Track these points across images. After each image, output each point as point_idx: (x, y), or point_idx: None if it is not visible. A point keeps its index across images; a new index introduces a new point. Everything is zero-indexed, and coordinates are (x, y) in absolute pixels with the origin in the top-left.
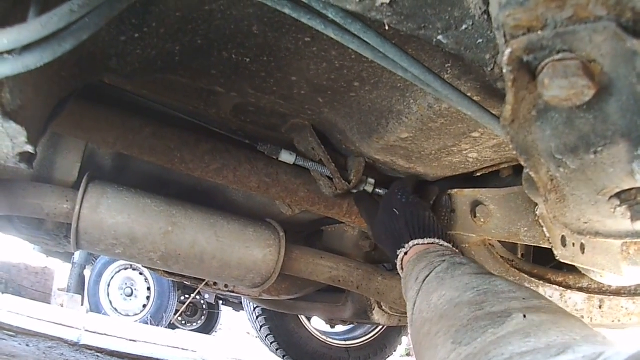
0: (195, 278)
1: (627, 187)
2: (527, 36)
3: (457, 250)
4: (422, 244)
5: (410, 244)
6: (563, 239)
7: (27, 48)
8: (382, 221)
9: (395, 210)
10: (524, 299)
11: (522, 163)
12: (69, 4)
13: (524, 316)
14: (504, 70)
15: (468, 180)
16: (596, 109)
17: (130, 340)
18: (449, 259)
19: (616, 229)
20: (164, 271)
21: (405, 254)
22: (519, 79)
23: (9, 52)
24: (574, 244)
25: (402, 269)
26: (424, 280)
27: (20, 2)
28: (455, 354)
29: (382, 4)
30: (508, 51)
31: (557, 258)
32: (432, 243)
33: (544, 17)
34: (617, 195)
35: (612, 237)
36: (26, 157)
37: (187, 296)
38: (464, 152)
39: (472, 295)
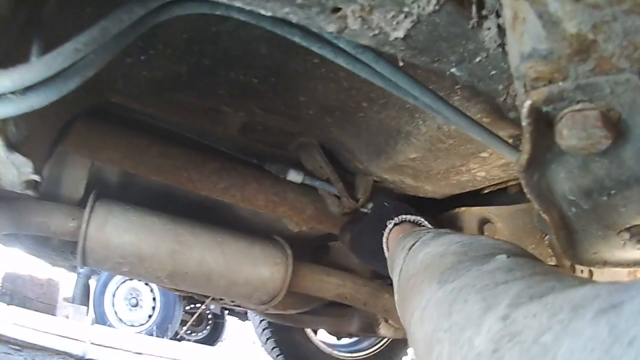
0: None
1: (637, 223)
2: (547, 87)
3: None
4: (410, 220)
5: (400, 217)
6: (572, 265)
7: (31, 88)
8: (370, 215)
9: (385, 203)
10: (508, 247)
11: (535, 205)
12: (73, 42)
13: (508, 257)
14: (523, 123)
15: (475, 196)
16: (612, 154)
17: (136, 353)
18: (435, 230)
19: (625, 258)
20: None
21: (395, 225)
22: (537, 129)
23: (13, 92)
24: (582, 271)
25: (387, 248)
26: (410, 248)
27: (23, 39)
28: (441, 291)
29: (396, 38)
30: (528, 103)
31: None
32: (419, 222)
33: (566, 69)
34: (627, 229)
35: (620, 265)
36: (32, 185)
37: (192, 306)
38: (472, 171)
39: (457, 247)
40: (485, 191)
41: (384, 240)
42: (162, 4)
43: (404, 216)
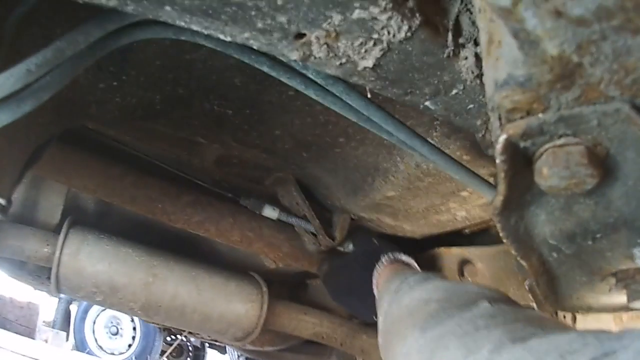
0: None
1: (624, 268)
2: (525, 120)
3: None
4: (401, 259)
5: (394, 255)
6: (554, 311)
7: None
8: (356, 252)
9: (374, 240)
10: (492, 294)
11: (512, 251)
12: (25, 64)
13: (490, 303)
14: (497, 160)
15: (456, 235)
16: (598, 194)
17: None
18: (422, 273)
19: (610, 303)
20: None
21: (388, 262)
22: (513, 167)
23: None
24: (565, 316)
25: (377, 288)
26: (397, 291)
27: None
28: (423, 339)
29: (365, 67)
30: (502, 138)
31: None
32: (409, 264)
33: (547, 98)
34: (613, 274)
35: (605, 311)
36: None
37: (172, 337)
38: (452, 211)
39: (441, 294)
40: (467, 231)
41: (374, 279)
42: (121, 27)
43: (395, 254)
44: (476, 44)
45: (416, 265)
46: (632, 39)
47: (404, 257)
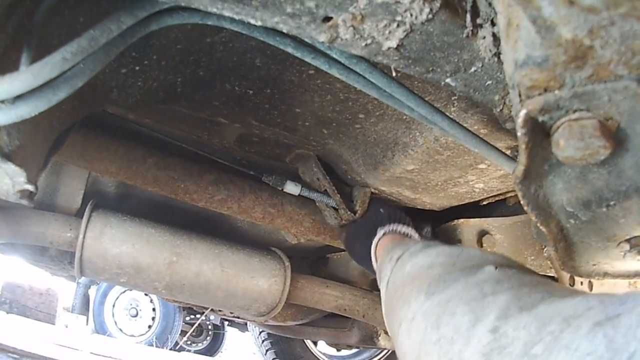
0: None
1: (637, 234)
2: (543, 96)
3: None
4: (399, 231)
5: (391, 226)
6: (571, 277)
7: (20, 97)
8: (365, 218)
9: (381, 209)
10: (496, 258)
11: (532, 218)
12: (61, 52)
13: (496, 268)
14: (518, 133)
15: (474, 208)
16: (611, 164)
17: None
18: (423, 242)
19: (625, 270)
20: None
21: (384, 234)
22: (533, 139)
23: (2, 101)
24: (582, 283)
25: (375, 259)
26: (398, 259)
27: (12, 48)
28: (429, 302)
29: (389, 48)
30: (523, 112)
31: None
32: (408, 234)
33: (562, 77)
34: (627, 240)
35: (620, 277)
36: (27, 194)
37: (192, 317)
38: (471, 183)
39: (444, 258)
40: (484, 203)
41: (372, 248)
42: (151, 14)
43: (394, 225)
44: (493, 24)
45: (417, 236)
46: (638, 24)
47: (404, 228)
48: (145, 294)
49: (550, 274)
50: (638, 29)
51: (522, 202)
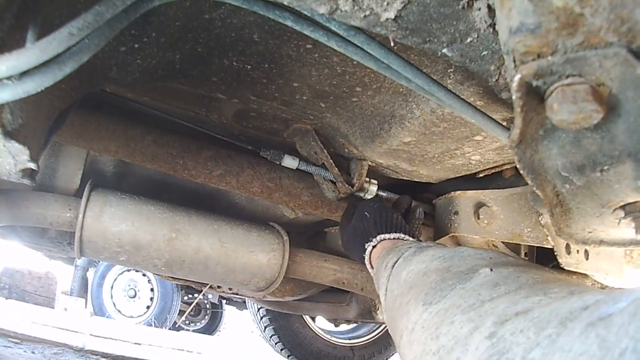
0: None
1: (631, 201)
2: (536, 62)
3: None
4: (389, 238)
5: (378, 237)
6: (567, 246)
7: (26, 73)
8: (353, 225)
9: (366, 213)
10: (490, 257)
11: (528, 182)
12: (67, 27)
13: (491, 270)
14: (513, 97)
15: (471, 180)
16: (603, 129)
17: (135, 343)
18: (416, 245)
19: (620, 237)
20: (167, 275)
21: (373, 247)
22: (528, 103)
23: (9, 77)
24: (577, 251)
25: (371, 266)
26: (393, 266)
27: (18, 25)
28: (427, 313)
29: (387, 19)
30: (517, 77)
31: (562, 266)
32: (399, 238)
33: (555, 43)
34: (622, 207)
35: (616, 245)
36: (28, 173)
37: (190, 296)
38: (467, 155)
39: (438, 263)
40: (481, 175)
41: (367, 260)
42: None
43: (382, 235)
44: None
45: (408, 237)
46: None
47: (393, 235)
48: (143, 274)
49: (547, 245)
50: None
51: (518, 166)
